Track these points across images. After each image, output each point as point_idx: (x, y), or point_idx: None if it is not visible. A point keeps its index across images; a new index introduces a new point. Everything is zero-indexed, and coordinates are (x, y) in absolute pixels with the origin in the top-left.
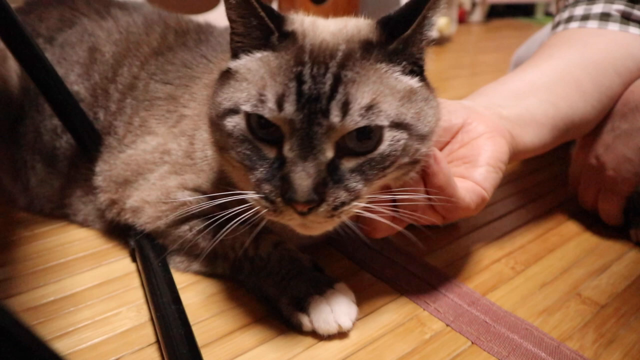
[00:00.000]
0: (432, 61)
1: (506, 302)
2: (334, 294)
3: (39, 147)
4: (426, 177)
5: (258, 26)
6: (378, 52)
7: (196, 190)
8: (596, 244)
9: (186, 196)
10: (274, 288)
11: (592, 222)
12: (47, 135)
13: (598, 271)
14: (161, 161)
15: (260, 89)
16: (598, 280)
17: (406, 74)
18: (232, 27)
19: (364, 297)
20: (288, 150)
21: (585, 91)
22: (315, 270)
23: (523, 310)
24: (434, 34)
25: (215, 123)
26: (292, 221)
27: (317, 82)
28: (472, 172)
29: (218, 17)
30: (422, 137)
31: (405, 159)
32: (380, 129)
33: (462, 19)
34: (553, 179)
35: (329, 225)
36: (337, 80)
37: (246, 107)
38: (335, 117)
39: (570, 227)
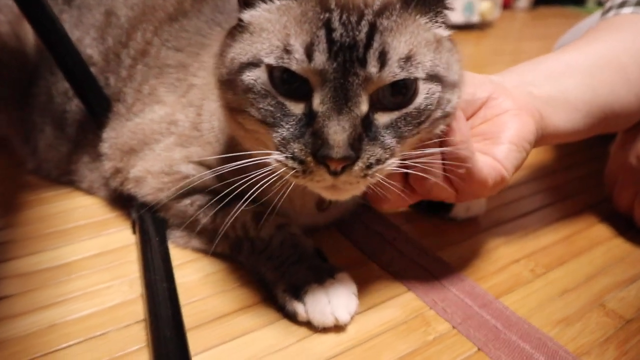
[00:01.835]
0: (472, 46)
1: (521, 307)
2: (333, 284)
3: (49, 109)
4: (444, 137)
5: None
6: (415, 2)
7: (200, 163)
8: (628, 252)
9: (190, 169)
10: (273, 272)
11: (626, 227)
12: (58, 97)
13: (627, 282)
14: (168, 132)
15: (285, 38)
16: (626, 291)
17: (435, 24)
18: None
19: (367, 290)
20: (319, 104)
21: (630, 79)
22: (318, 257)
23: (539, 318)
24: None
25: (228, 81)
26: (321, 183)
27: (350, 29)
28: (493, 149)
29: None
30: (453, 87)
31: (439, 113)
32: (416, 81)
33: (507, 4)
34: (587, 177)
35: (360, 188)
36: (373, 29)
37: (269, 59)
38: (372, 67)
39: (600, 231)
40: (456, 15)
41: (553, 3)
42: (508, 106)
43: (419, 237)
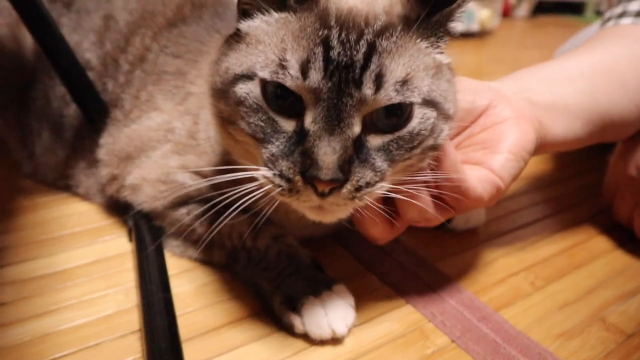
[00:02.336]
0: (472, 54)
1: (521, 320)
2: (330, 296)
3: (47, 114)
4: (433, 163)
5: None
6: (417, 25)
7: (197, 172)
8: (628, 264)
9: (186, 178)
10: (269, 283)
11: (626, 239)
12: (55, 102)
13: (627, 295)
14: (164, 139)
15: (281, 53)
16: (626, 305)
17: (435, 49)
18: None
19: (365, 302)
20: (311, 123)
21: (629, 88)
22: (315, 268)
23: (538, 332)
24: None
25: (221, 91)
26: (308, 203)
27: (348, 48)
28: (490, 158)
29: None
30: (447, 118)
31: (430, 141)
32: (411, 105)
33: (507, 12)
34: (586, 188)
35: (347, 210)
36: (372, 49)
37: (264, 74)
38: (368, 89)
39: (600, 243)
40: None
41: (552, 12)
42: (507, 114)
43: (417, 248)
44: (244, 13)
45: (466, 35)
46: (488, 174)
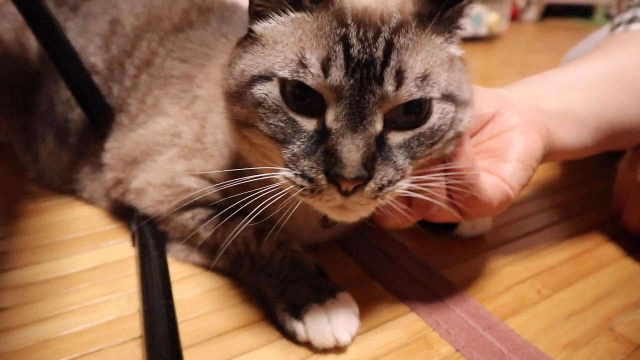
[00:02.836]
0: (480, 58)
1: (527, 330)
2: (334, 303)
3: (51, 118)
4: (449, 161)
5: None
6: (432, 21)
7: (203, 176)
8: (637, 273)
9: (191, 182)
10: (273, 290)
11: (635, 247)
12: (60, 106)
13: (636, 305)
14: (171, 144)
15: (300, 52)
16: (635, 314)
17: (449, 44)
18: None
19: (369, 309)
20: (333, 121)
21: (639, 95)
22: (319, 275)
23: (545, 342)
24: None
25: (236, 93)
26: (330, 202)
27: (367, 46)
28: (499, 167)
29: None
30: (465, 105)
31: (451, 133)
32: (430, 101)
33: (515, 16)
34: (595, 195)
35: (369, 209)
36: (390, 46)
37: (283, 73)
38: (389, 85)
39: (608, 251)
40: None
41: (561, 15)
42: (515, 122)
43: (423, 255)
44: (257, 15)
45: (474, 39)
46: (498, 181)
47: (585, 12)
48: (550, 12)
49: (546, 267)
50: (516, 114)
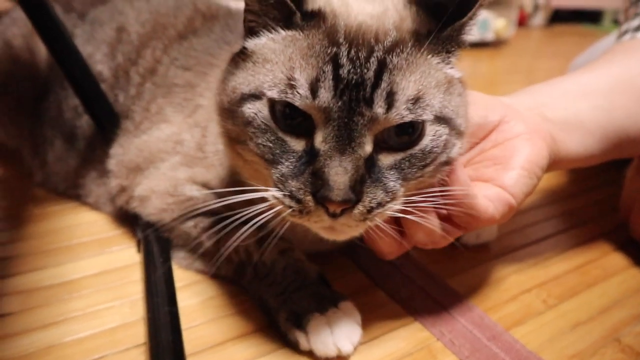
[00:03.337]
0: (486, 64)
1: (532, 340)
2: (336, 313)
3: (59, 124)
4: (443, 185)
5: (276, 4)
6: (428, 40)
7: (204, 185)
8: None
9: (193, 191)
10: (275, 299)
11: None
12: (68, 112)
13: None
14: (173, 151)
15: (289, 71)
16: None
17: (447, 64)
18: (246, 3)
19: (372, 318)
20: (321, 142)
21: None
22: (322, 284)
23: (551, 352)
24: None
25: (228, 110)
26: (319, 223)
27: (358, 66)
28: (502, 175)
29: None
30: (460, 133)
31: (443, 157)
32: (423, 123)
33: (522, 22)
34: (601, 203)
35: (358, 230)
36: (382, 67)
37: (272, 93)
38: (379, 107)
39: (615, 260)
40: None
41: (569, 21)
42: (520, 130)
43: (427, 263)
44: (250, 31)
45: (481, 45)
46: (500, 192)
47: (593, 18)
48: (557, 18)
49: (552, 276)
50: (521, 122)
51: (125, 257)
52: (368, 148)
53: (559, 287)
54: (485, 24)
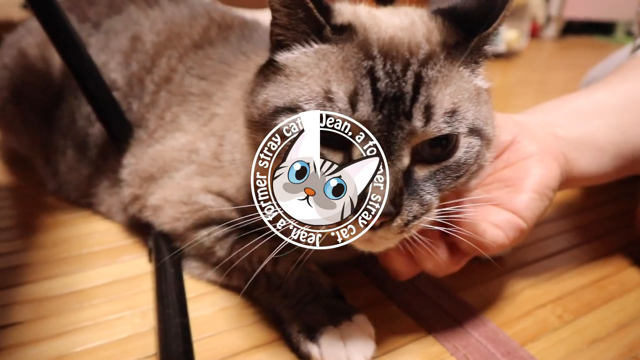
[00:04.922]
0: (499, 76)
1: (547, 356)
2: (350, 326)
3: (72, 132)
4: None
5: (305, 18)
6: (459, 52)
7: (220, 194)
8: None
9: (208, 200)
10: (288, 310)
11: None
12: (81, 121)
13: None
14: (188, 160)
15: (326, 84)
16: None
17: (476, 76)
18: (273, 17)
19: (385, 332)
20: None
21: None
22: (335, 296)
23: None
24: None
25: (259, 123)
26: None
27: (395, 79)
28: (513, 198)
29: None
30: (489, 141)
31: (475, 167)
32: (457, 135)
33: (535, 33)
34: (617, 216)
35: (394, 242)
36: (419, 80)
37: (309, 107)
38: (418, 121)
39: (632, 275)
40: None
41: (581, 33)
42: (532, 150)
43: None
44: (279, 44)
45: (493, 57)
46: (510, 217)
47: (606, 30)
48: (570, 29)
49: (567, 291)
50: (534, 141)
51: (137, 266)
52: (406, 161)
53: (574, 302)
54: (497, 35)
